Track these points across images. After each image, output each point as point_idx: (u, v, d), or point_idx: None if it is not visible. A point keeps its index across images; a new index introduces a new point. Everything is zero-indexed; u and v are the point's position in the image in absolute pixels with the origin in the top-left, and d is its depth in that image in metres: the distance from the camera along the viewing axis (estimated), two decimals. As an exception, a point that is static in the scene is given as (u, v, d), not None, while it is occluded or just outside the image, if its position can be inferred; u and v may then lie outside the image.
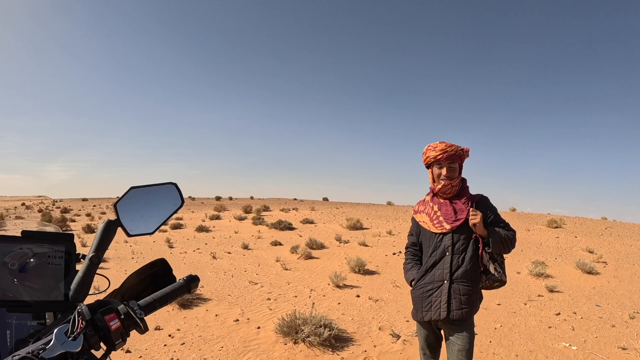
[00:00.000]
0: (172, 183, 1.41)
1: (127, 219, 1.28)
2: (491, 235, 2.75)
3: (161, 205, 1.38)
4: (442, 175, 2.87)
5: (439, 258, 2.83)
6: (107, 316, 1.05)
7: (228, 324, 6.02)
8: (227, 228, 20.62)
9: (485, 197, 2.96)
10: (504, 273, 2.87)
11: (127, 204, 1.29)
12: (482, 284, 2.86)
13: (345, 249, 13.09)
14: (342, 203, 49.25)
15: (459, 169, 2.90)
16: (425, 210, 3.03)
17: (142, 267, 1.36)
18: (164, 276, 1.38)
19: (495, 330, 5.88)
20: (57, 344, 0.93)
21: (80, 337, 0.97)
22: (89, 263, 1.13)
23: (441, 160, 2.84)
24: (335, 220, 23.07)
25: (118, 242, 15.06)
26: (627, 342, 5.51)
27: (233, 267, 10.63)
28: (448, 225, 2.81)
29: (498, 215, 2.91)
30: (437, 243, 2.85)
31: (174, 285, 1.27)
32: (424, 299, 2.87)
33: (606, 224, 24.25)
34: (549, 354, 5.10)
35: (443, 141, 2.86)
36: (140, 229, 1.31)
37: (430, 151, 2.88)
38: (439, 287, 2.80)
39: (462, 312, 2.72)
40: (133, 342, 5.24)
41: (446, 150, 2.80)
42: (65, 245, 1.16)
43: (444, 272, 2.79)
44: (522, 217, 26.32)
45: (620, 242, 16.06)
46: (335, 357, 4.88)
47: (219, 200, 61.38)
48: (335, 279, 8.39)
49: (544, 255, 12.59)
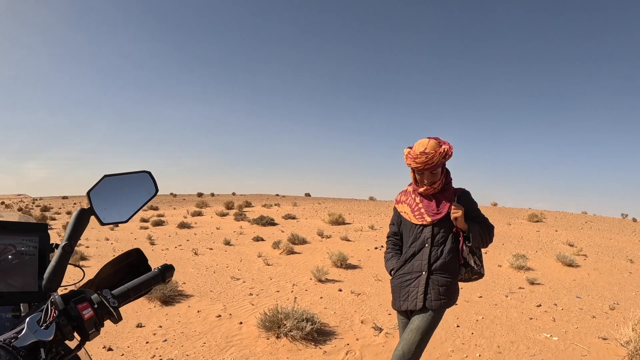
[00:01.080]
0: (146, 171, 1.39)
1: (100, 208, 1.24)
2: (471, 229, 2.74)
3: (135, 193, 1.35)
4: (424, 181, 2.84)
5: (418, 249, 2.83)
6: (80, 305, 1.02)
7: (210, 319, 5.95)
8: (209, 224, 20.51)
9: (467, 191, 2.94)
10: (482, 266, 2.91)
11: (100, 193, 1.26)
12: (461, 276, 2.89)
13: (327, 244, 13.09)
14: (324, 198, 49.44)
15: (441, 170, 2.84)
16: (407, 201, 3.01)
17: (117, 257, 1.32)
18: (139, 266, 1.35)
19: (477, 322, 5.91)
20: (29, 332, 0.90)
21: (52, 325, 0.94)
22: (61, 252, 1.10)
23: (422, 171, 2.79)
24: (318, 216, 23.08)
25: (99, 240, 14.89)
26: (608, 332, 5.58)
27: (215, 263, 10.55)
28: (429, 218, 2.81)
29: (478, 210, 2.92)
30: (417, 234, 2.85)
31: (148, 274, 1.24)
32: (402, 288, 2.87)
33: (586, 218, 24.72)
34: (530, 345, 5.14)
35: (424, 150, 2.70)
36: (113, 218, 1.28)
37: (409, 160, 2.78)
38: (417, 278, 2.80)
39: (440, 303, 2.73)
40: (115, 340, 5.16)
41: (426, 162, 2.69)
42: (39, 235, 1.13)
43: (423, 264, 2.79)
44: (503, 211, 26.66)
45: (600, 236, 16.36)
46: (318, 351, 4.86)
47: (200, 197, 60.99)
48: (318, 273, 8.37)
49: (525, 248, 12.75)
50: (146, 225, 20.17)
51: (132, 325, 5.65)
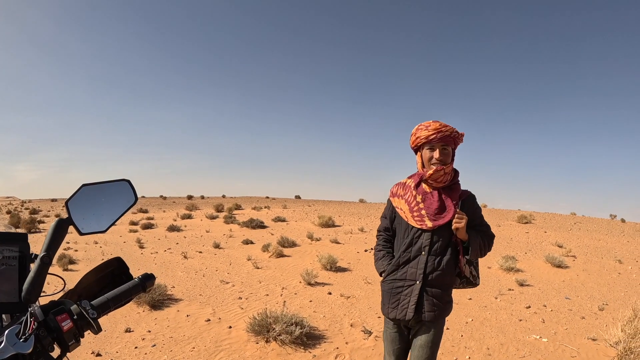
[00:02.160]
0: (126, 180, 1.37)
1: (79, 217, 1.23)
2: (472, 241, 2.53)
3: (114, 202, 1.34)
4: (434, 158, 2.55)
5: (413, 256, 2.58)
6: (60, 317, 1.03)
7: (199, 324, 5.90)
8: (198, 227, 20.42)
9: (473, 195, 2.72)
10: (478, 276, 2.73)
11: (79, 202, 1.25)
12: (455, 286, 2.69)
13: (317, 247, 13.06)
14: (314, 201, 49.30)
15: (451, 155, 2.61)
16: (405, 196, 2.72)
17: (98, 266, 1.31)
18: (121, 275, 1.34)
19: (466, 324, 5.92)
20: (7, 345, 0.91)
21: (31, 338, 0.95)
22: (40, 263, 1.09)
23: (434, 142, 2.54)
24: (307, 218, 23.07)
25: (88, 244, 14.75)
26: (597, 333, 5.61)
27: (204, 266, 10.48)
28: (430, 223, 2.54)
29: (481, 218, 2.69)
30: (414, 239, 2.59)
31: (128, 284, 1.26)
32: (393, 295, 2.65)
33: (575, 219, 24.94)
34: (520, 347, 5.15)
35: (436, 120, 2.55)
36: (92, 227, 1.27)
37: (421, 130, 2.57)
38: (410, 287, 2.58)
39: (434, 314, 2.54)
40: (103, 345, 5.10)
41: (440, 130, 2.50)
42: (19, 245, 1.11)
43: (417, 272, 2.55)
44: (493, 213, 26.80)
45: (589, 237, 16.50)
46: (307, 354, 4.83)
47: (190, 199, 60.75)
48: (307, 276, 8.34)
49: (514, 250, 12.82)
50: (135, 229, 20.02)
51: (121, 330, 5.59)
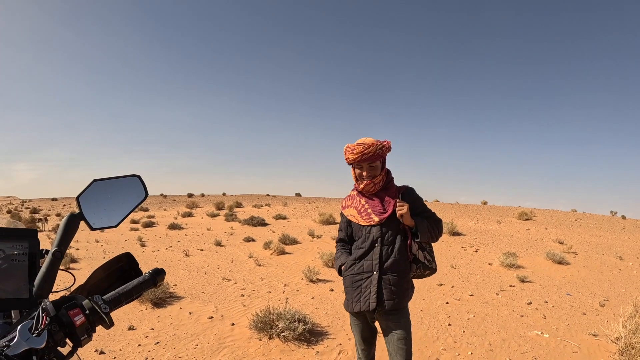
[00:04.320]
0: (136, 175, 1.39)
1: (90, 212, 1.25)
2: (418, 225, 2.75)
3: (125, 197, 1.36)
4: (363, 175, 2.86)
5: (368, 249, 2.82)
6: (72, 311, 1.03)
7: (202, 321, 5.93)
8: (199, 225, 20.43)
9: (411, 187, 2.97)
10: (433, 261, 2.90)
11: (90, 197, 1.27)
12: (413, 273, 2.87)
13: (318, 244, 13.09)
14: (314, 198, 49.39)
15: (381, 165, 2.88)
16: (353, 204, 3.02)
17: (108, 261, 1.33)
18: (130, 270, 1.36)
19: (468, 321, 5.94)
20: (20, 340, 0.92)
21: (44, 333, 0.95)
22: (51, 258, 1.11)
23: (360, 163, 2.82)
24: (308, 216, 23.10)
25: (89, 242, 14.77)
26: (598, 328, 5.63)
27: (206, 264, 10.51)
28: (377, 218, 2.82)
29: (424, 206, 2.93)
30: (366, 235, 2.85)
31: (139, 279, 1.26)
32: (354, 289, 2.86)
33: (575, 215, 24.92)
34: (522, 342, 5.17)
35: (361, 142, 2.81)
36: (103, 222, 1.29)
37: (348, 153, 2.86)
38: (368, 278, 2.79)
39: (393, 302, 2.71)
40: (106, 343, 5.12)
41: (363, 152, 2.76)
42: (29, 241, 1.12)
43: (373, 263, 2.78)
44: (493, 209, 26.81)
45: (589, 233, 16.51)
46: (310, 351, 4.85)
47: (191, 198, 60.83)
48: (309, 273, 8.36)
49: (515, 246, 12.83)
50: (136, 227, 20.05)
51: (124, 327, 5.60)
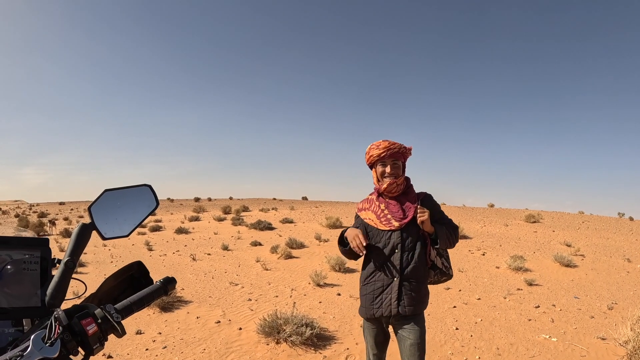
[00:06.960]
0: (147, 185, 1.39)
1: (101, 222, 1.25)
2: (438, 232, 2.74)
3: (136, 207, 1.35)
4: (386, 172, 2.84)
5: (388, 255, 2.78)
6: (84, 321, 1.04)
7: (209, 325, 5.95)
8: (206, 229, 20.49)
9: (429, 194, 2.95)
10: (450, 267, 2.92)
11: (101, 207, 1.27)
12: (430, 279, 2.89)
13: (325, 248, 13.09)
14: (321, 202, 49.35)
15: (402, 168, 2.89)
16: (372, 208, 2.98)
17: (118, 270, 1.34)
18: (140, 279, 1.37)
19: (476, 325, 5.93)
20: (34, 350, 0.92)
21: (57, 342, 0.96)
22: (64, 267, 1.11)
23: (385, 158, 2.82)
24: (315, 219, 23.09)
25: (97, 246, 14.85)
26: (606, 332, 5.60)
27: (213, 268, 10.54)
28: (396, 223, 2.78)
29: (442, 212, 2.93)
30: (386, 240, 2.81)
31: (150, 287, 1.26)
32: (375, 297, 2.83)
33: (583, 217, 24.77)
34: (530, 346, 5.16)
35: (386, 139, 2.84)
36: (115, 232, 1.29)
37: (373, 149, 2.86)
38: (389, 285, 2.77)
39: (413, 308, 2.71)
40: (114, 347, 5.15)
41: (390, 147, 2.78)
42: (41, 250, 1.14)
43: (394, 269, 2.75)
44: (500, 212, 26.71)
45: (597, 235, 16.40)
46: (318, 355, 4.86)
47: (198, 202, 60.99)
48: (316, 277, 8.37)
49: (523, 249, 12.77)
50: (144, 231, 20.13)
51: (132, 332, 5.64)
